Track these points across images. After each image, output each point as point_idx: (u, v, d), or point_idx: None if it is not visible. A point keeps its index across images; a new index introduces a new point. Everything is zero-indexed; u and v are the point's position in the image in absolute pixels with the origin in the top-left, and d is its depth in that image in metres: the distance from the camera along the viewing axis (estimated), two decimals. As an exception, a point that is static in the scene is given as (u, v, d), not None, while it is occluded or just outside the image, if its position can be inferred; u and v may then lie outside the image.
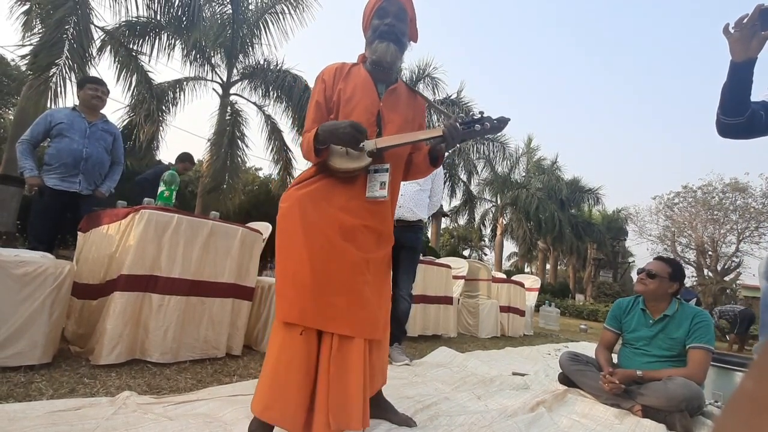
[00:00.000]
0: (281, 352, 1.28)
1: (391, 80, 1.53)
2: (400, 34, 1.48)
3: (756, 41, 1.31)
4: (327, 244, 1.32)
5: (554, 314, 8.06)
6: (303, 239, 1.31)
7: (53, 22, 5.80)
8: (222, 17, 8.83)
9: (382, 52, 1.45)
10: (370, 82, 1.48)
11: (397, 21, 1.47)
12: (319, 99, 1.46)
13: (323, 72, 1.50)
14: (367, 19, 1.51)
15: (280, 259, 1.35)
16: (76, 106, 2.95)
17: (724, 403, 2.50)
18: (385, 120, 1.46)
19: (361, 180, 1.40)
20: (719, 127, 1.45)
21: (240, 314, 2.39)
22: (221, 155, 9.02)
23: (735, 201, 18.73)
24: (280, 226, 1.37)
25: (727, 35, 1.35)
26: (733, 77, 1.38)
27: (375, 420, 1.53)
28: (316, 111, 1.45)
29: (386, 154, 1.42)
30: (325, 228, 1.33)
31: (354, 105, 1.43)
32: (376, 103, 1.46)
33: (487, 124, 1.35)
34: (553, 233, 18.65)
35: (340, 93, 1.44)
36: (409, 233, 2.83)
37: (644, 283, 2.29)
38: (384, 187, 1.37)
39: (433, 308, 4.13)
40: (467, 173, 16.94)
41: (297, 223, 1.33)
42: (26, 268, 1.69)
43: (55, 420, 1.25)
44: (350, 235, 1.36)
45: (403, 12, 1.48)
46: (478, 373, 2.70)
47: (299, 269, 1.30)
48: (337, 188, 1.38)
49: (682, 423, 1.92)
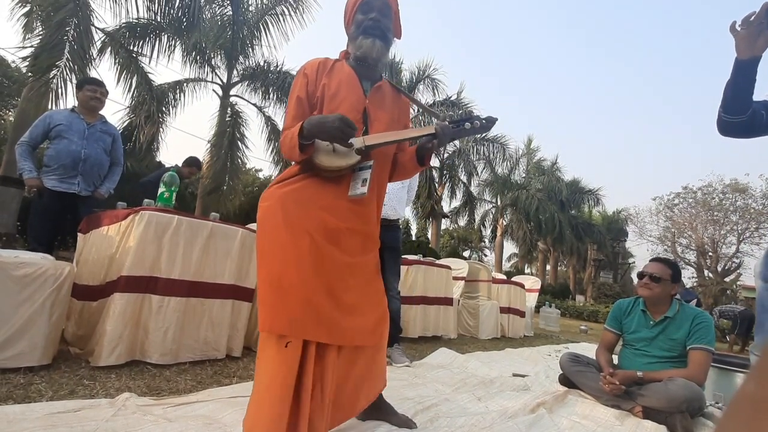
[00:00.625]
0: (267, 367, 1.20)
1: (375, 77, 1.48)
2: (386, 29, 1.43)
3: (762, 40, 1.31)
4: (312, 246, 1.24)
5: (554, 315, 8.05)
6: (289, 240, 1.23)
7: (54, 24, 5.81)
8: (222, 18, 8.86)
9: (368, 48, 1.40)
10: (355, 79, 1.42)
11: (382, 16, 1.42)
12: (300, 94, 1.38)
13: (305, 66, 1.44)
14: (350, 15, 1.45)
15: (263, 263, 1.25)
16: (75, 107, 2.95)
17: (725, 404, 2.50)
18: (372, 118, 1.41)
19: (346, 180, 1.33)
20: (720, 124, 1.45)
21: (240, 315, 2.39)
22: (221, 156, 9.03)
23: (735, 202, 18.76)
24: (262, 226, 1.29)
25: (733, 33, 1.35)
26: (737, 75, 1.38)
27: (375, 422, 1.53)
28: (297, 107, 1.38)
29: (373, 153, 1.35)
30: (309, 228, 1.25)
31: (339, 102, 1.36)
32: (362, 100, 1.40)
33: (477, 123, 1.34)
34: (554, 234, 18.67)
35: (324, 88, 1.38)
36: (390, 232, 2.84)
37: (649, 287, 2.26)
38: (365, 185, 1.29)
39: (434, 309, 4.12)
40: (467, 174, 16.96)
41: (280, 224, 1.25)
42: (26, 269, 1.69)
43: (54, 422, 1.25)
44: (334, 237, 1.29)
45: (387, 7, 1.43)
46: (479, 375, 2.70)
47: (285, 272, 1.21)
48: (321, 188, 1.31)
49: (683, 424, 1.92)
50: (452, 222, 20.95)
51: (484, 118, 1.35)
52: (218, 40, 8.71)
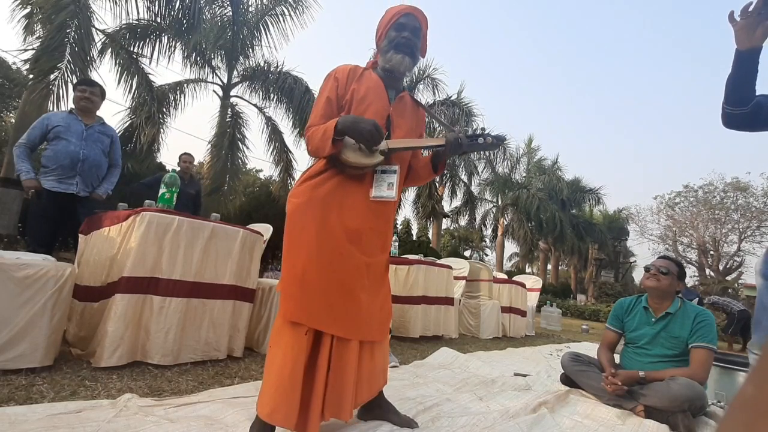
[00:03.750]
0: (287, 352, 1.30)
1: (399, 88, 1.61)
2: (415, 48, 1.55)
3: (761, 30, 1.30)
4: (337, 247, 1.36)
5: (556, 315, 8.04)
6: (315, 239, 1.34)
7: (54, 26, 5.82)
8: (222, 19, 8.86)
9: (398, 62, 1.52)
10: (381, 87, 1.54)
11: (413, 36, 1.53)
12: (330, 95, 1.49)
13: (336, 70, 1.54)
14: (383, 30, 1.56)
15: (288, 257, 1.37)
16: (73, 109, 2.95)
17: (727, 403, 2.50)
18: (395, 125, 1.52)
19: (368, 180, 1.44)
20: (723, 117, 1.45)
21: (241, 316, 2.39)
22: (222, 157, 9.03)
23: (736, 200, 18.71)
24: (291, 221, 1.39)
25: (732, 22, 1.34)
26: (737, 66, 1.37)
27: (376, 421, 1.53)
28: (326, 106, 1.48)
29: (394, 157, 1.47)
30: (334, 227, 1.37)
31: (367, 106, 1.47)
32: (387, 108, 1.52)
33: (489, 139, 1.45)
34: (554, 233, 18.64)
35: (353, 93, 1.48)
36: None
37: (658, 278, 2.25)
38: (392, 188, 1.42)
39: (435, 309, 4.12)
40: (468, 174, 16.94)
41: (311, 223, 1.36)
42: (27, 270, 1.69)
43: (56, 423, 1.25)
44: (356, 237, 1.40)
45: (419, 29, 1.56)
46: (480, 374, 2.69)
47: (309, 268, 1.33)
48: (347, 188, 1.41)
49: (685, 423, 1.91)
50: (453, 222, 20.93)
51: (494, 135, 1.47)
52: (218, 41, 8.70)
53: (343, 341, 1.36)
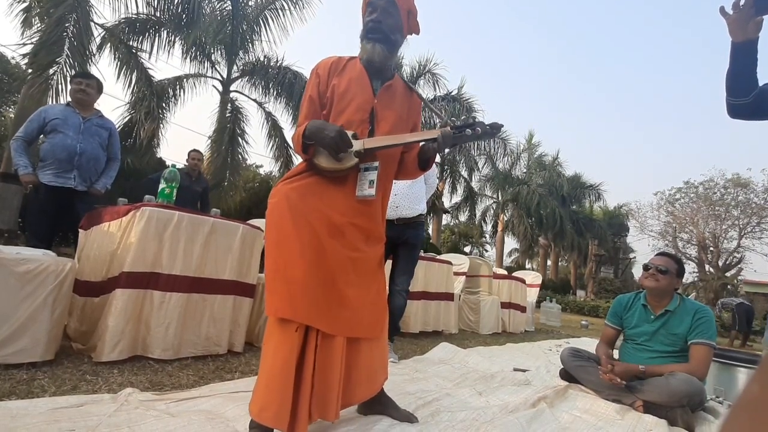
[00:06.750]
0: (277, 350, 1.27)
1: (386, 76, 1.49)
2: (389, 30, 1.42)
3: (753, 23, 1.31)
4: (315, 239, 1.31)
5: (555, 310, 8.06)
6: (293, 232, 1.30)
7: (53, 20, 5.78)
8: (222, 13, 8.81)
9: (370, 52, 1.42)
10: (365, 78, 1.44)
11: (385, 16, 1.40)
12: (312, 94, 1.44)
13: (318, 66, 1.48)
14: (362, 16, 1.47)
15: (270, 254, 1.34)
16: (70, 102, 2.93)
17: (726, 398, 2.51)
18: (379, 117, 1.43)
19: (351, 179, 1.38)
20: (727, 107, 1.46)
21: (241, 311, 2.40)
22: (222, 152, 9.01)
23: (737, 196, 18.65)
24: (269, 220, 1.36)
25: (724, 15, 1.35)
26: (734, 58, 1.38)
27: (377, 416, 1.53)
28: (309, 106, 1.44)
29: (378, 154, 1.38)
30: (313, 222, 1.32)
31: (348, 101, 1.40)
32: (370, 100, 1.43)
33: (478, 129, 1.31)
34: (554, 229, 18.63)
35: (334, 88, 1.41)
36: (410, 230, 2.82)
37: (656, 278, 2.25)
38: (372, 186, 1.34)
39: (434, 305, 4.13)
40: (468, 170, 16.88)
41: (286, 217, 1.32)
42: (28, 265, 1.69)
43: (57, 417, 1.25)
44: (337, 232, 1.35)
45: (392, 5, 1.41)
46: (480, 369, 2.70)
47: (290, 262, 1.29)
48: (326, 186, 1.36)
49: (684, 418, 1.92)
50: (453, 217, 20.90)
51: (488, 124, 1.34)
52: (218, 35, 8.65)
53: (327, 338, 1.32)
